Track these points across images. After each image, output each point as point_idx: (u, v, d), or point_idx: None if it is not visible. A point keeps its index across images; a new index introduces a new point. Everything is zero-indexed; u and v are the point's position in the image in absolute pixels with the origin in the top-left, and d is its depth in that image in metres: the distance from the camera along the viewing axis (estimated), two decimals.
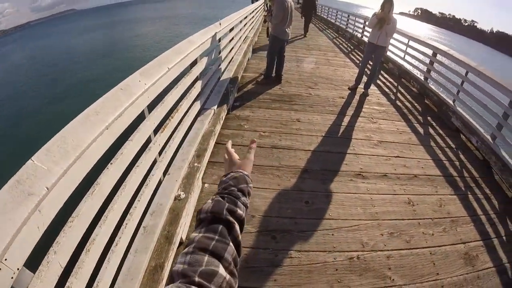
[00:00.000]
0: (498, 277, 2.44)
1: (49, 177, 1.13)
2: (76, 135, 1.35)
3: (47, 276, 1.10)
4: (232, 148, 1.03)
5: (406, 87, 6.23)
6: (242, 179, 0.81)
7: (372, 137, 4.14)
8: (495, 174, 3.72)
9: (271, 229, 2.60)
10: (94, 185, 1.46)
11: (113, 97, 1.74)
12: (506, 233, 2.86)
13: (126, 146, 1.78)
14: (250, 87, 5.46)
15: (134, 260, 1.77)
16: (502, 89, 3.86)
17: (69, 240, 1.23)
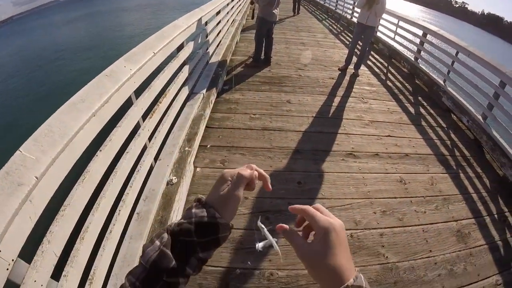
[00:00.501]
0: (490, 254, 2.47)
1: (38, 167, 1.13)
2: (63, 123, 1.34)
3: (42, 266, 1.09)
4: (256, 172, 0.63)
5: (397, 67, 6.20)
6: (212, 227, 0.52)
7: (363, 117, 4.12)
8: (486, 153, 3.75)
9: (265, 210, 2.59)
10: (84, 173, 1.45)
11: (98, 84, 1.71)
12: (497, 211, 2.89)
13: (115, 133, 1.76)
14: (239, 70, 5.38)
15: (129, 247, 1.76)
16: (493, 69, 3.86)
17: (62, 229, 1.22)
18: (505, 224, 2.77)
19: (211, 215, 0.52)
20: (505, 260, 2.45)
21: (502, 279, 2.31)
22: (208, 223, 0.51)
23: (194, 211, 0.53)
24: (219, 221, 0.52)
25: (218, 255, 2.20)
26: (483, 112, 3.94)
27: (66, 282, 1.21)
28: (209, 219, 0.52)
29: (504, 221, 2.80)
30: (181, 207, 2.45)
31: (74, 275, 1.27)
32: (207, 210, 0.53)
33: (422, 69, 5.58)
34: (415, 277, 2.22)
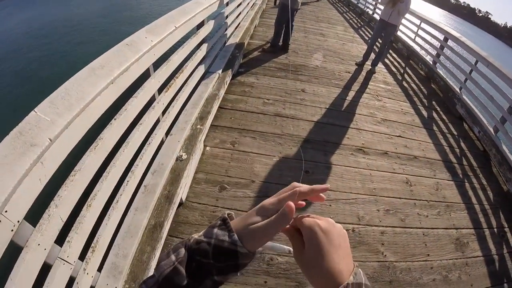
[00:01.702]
0: (485, 266, 2.49)
1: (52, 129, 1.12)
2: (81, 87, 1.33)
3: (47, 230, 1.09)
4: None
5: (414, 69, 6.11)
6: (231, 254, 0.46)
7: (376, 114, 4.09)
8: (493, 166, 3.71)
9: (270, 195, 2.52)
10: (97, 140, 1.44)
11: (119, 52, 1.71)
12: (497, 225, 2.89)
13: (131, 103, 1.75)
14: (256, 54, 5.32)
15: (134, 218, 1.78)
16: (511, 83, 3.79)
17: (70, 194, 1.22)
18: (504, 239, 2.77)
19: (233, 241, 0.46)
20: (499, 274, 2.47)
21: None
22: (227, 249, 0.46)
23: (216, 231, 0.48)
24: (240, 250, 0.46)
25: None
26: (495, 125, 3.88)
27: (69, 248, 1.22)
28: (229, 245, 0.46)
29: (503, 236, 2.80)
30: (188, 183, 2.47)
31: (78, 242, 1.28)
32: (229, 235, 0.47)
33: (439, 73, 5.49)
34: (410, 278, 2.24)
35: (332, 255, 0.45)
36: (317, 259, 0.45)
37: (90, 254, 1.40)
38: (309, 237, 0.47)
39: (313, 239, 0.46)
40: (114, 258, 1.58)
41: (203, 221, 2.29)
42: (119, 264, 1.56)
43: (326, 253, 0.45)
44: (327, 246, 0.46)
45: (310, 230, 0.47)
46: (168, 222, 2.01)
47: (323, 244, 0.46)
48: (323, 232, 0.47)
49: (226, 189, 2.57)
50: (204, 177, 2.64)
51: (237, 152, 2.97)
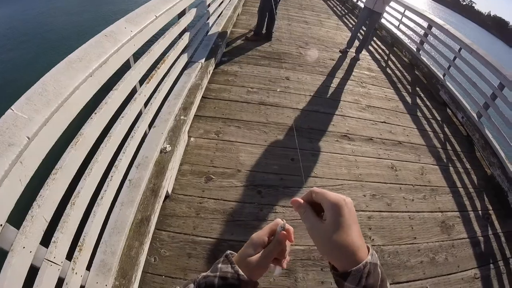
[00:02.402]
0: (471, 248, 2.55)
1: (30, 126, 1.08)
2: (58, 82, 1.29)
3: (31, 232, 1.07)
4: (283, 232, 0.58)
5: (398, 56, 6.13)
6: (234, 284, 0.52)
7: (360, 101, 4.10)
8: (477, 151, 3.79)
9: (257, 184, 2.58)
10: (78, 136, 1.41)
11: (97, 44, 1.66)
12: (482, 208, 2.96)
13: (111, 96, 1.71)
14: (239, 42, 5.23)
15: (120, 213, 1.75)
16: (493, 70, 3.85)
17: (53, 193, 1.19)
18: (488, 222, 2.84)
19: (235, 271, 0.53)
20: (485, 255, 2.54)
21: (480, 273, 2.40)
22: (231, 279, 0.52)
23: (220, 266, 0.55)
24: (242, 278, 0.52)
25: (208, 226, 2.21)
26: (479, 110, 3.95)
27: (55, 249, 1.20)
28: (232, 275, 0.52)
29: (488, 218, 2.87)
30: (173, 175, 2.44)
31: (64, 241, 1.26)
32: (232, 266, 0.54)
33: (423, 60, 5.53)
34: (398, 261, 2.28)
35: (354, 230, 0.48)
36: (341, 231, 0.47)
37: (77, 253, 1.37)
38: (335, 210, 0.49)
39: (339, 212, 0.48)
40: (102, 256, 1.56)
41: (190, 213, 2.27)
42: (108, 261, 1.54)
43: (349, 227, 0.47)
44: (350, 221, 0.48)
45: (337, 203, 0.49)
46: (155, 215, 1.99)
47: (348, 218, 0.48)
48: (348, 208, 0.49)
49: (212, 179, 2.54)
50: (190, 169, 2.60)
51: (222, 141, 2.94)
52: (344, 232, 0.47)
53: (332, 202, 0.49)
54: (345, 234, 0.47)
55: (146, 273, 1.87)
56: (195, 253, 2.03)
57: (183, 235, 2.12)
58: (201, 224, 2.21)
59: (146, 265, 1.89)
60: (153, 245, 2.02)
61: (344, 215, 0.48)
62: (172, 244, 2.05)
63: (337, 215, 0.48)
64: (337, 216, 0.48)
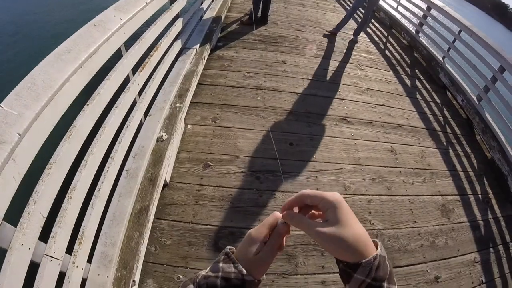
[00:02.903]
0: (471, 232, 2.57)
1: (20, 123, 1.06)
2: (47, 75, 1.26)
3: (29, 228, 1.06)
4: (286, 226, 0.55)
5: (396, 38, 6.04)
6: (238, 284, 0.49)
7: (359, 84, 4.04)
8: (477, 134, 3.77)
9: (255, 169, 2.57)
10: (71, 129, 1.38)
11: (86, 34, 1.62)
12: (482, 191, 2.97)
13: (103, 86, 1.68)
14: (234, 27, 5.11)
15: (119, 205, 1.74)
16: (494, 53, 3.78)
17: (48, 189, 1.18)
18: (488, 205, 2.85)
19: (239, 271, 0.49)
20: (485, 239, 2.56)
21: (480, 257, 2.42)
22: (235, 279, 0.49)
23: (221, 265, 0.51)
24: (246, 278, 0.49)
25: (208, 214, 2.20)
26: (479, 93, 3.90)
27: (54, 244, 1.19)
28: (236, 275, 0.49)
29: (488, 202, 2.88)
30: (171, 164, 2.42)
31: (63, 236, 1.25)
32: (235, 266, 0.50)
33: (422, 42, 5.44)
34: (398, 245, 2.29)
35: (358, 225, 0.48)
36: (347, 227, 0.46)
37: (77, 247, 1.36)
38: (338, 207, 0.48)
39: (342, 208, 0.48)
40: (102, 248, 1.55)
41: (189, 201, 2.25)
42: (109, 253, 1.54)
43: (353, 222, 0.48)
44: (352, 215, 0.49)
45: (337, 200, 0.49)
46: (154, 205, 1.97)
47: (350, 212, 0.49)
48: (345, 203, 0.49)
49: (210, 166, 2.52)
50: (187, 156, 2.57)
51: (219, 128, 2.90)
52: (350, 226, 0.47)
53: (332, 200, 0.49)
54: (352, 228, 0.47)
55: (147, 262, 1.87)
56: (195, 241, 2.02)
57: (183, 223, 2.11)
58: (200, 212, 2.20)
59: (147, 254, 1.89)
60: (153, 234, 2.01)
61: (346, 210, 0.48)
62: (172, 232, 2.04)
63: (340, 211, 0.48)
64: (340, 212, 0.48)
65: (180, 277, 1.85)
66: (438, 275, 2.20)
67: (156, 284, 1.81)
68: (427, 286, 2.13)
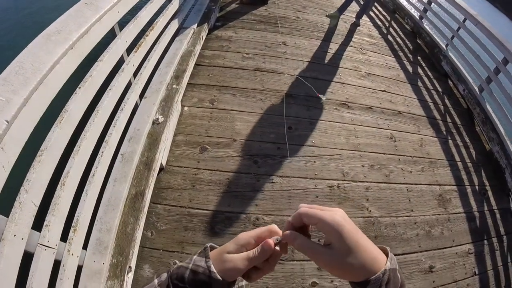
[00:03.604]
0: (466, 223, 2.58)
1: (8, 109, 1.03)
2: (36, 58, 1.21)
3: (21, 218, 1.04)
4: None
5: (399, 23, 5.90)
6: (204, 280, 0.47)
7: (360, 68, 3.96)
8: (477, 125, 3.74)
9: (253, 153, 2.53)
10: (62, 113, 1.34)
11: (77, 13, 1.57)
12: (479, 183, 2.97)
13: (96, 68, 1.63)
14: (233, 6, 4.94)
15: (114, 190, 1.71)
16: (498, 44, 3.70)
17: (40, 176, 1.15)
18: (484, 197, 2.86)
19: (207, 267, 0.47)
20: (479, 231, 2.58)
21: (474, 248, 2.44)
22: (202, 274, 0.47)
23: (195, 257, 0.50)
24: (213, 276, 0.46)
25: (204, 198, 2.18)
26: (481, 84, 3.84)
27: (48, 232, 1.17)
28: (204, 270, 0.47)
29: (484, 194, 2.89)
30: (167, 147, 2.38)
31: (57, 224, 1.22)
32: (205, 261, 0.48)
33: (426, 29, 5.31)
34: (395, 233, 2.30)
35: (365, 243, 0.45)
36: (352, 253, 0.44)
37: (72, 234, 1.34)
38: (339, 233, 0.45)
39: (343, 234, 0.44)
40: (98, 234, 1.53)
41: (185, 185, 2.22)
42: (104, 239, 1.52)
43: (358, 243, 0.44)
44: (357, 236, 0.45)
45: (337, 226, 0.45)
46: (150, 189, 1.94)
47: (354, 235, 0.45)
48: (347, 222, 0.46)
49: (207, 149, 2.48)
50: (184, 139, 2.53)
51: (216, 110, 2.84)
52: (356, 251, 0.44)
53: (332, 226, 0.45)
54: (358, 253, 0.44)
55: (143, 247, 1.86)
56: (191, 226, 2.01)
57: (179, 208, 2.08)
58: (197, 196, 2.17)
59: (143, 239, 1.87)
60: (149, 219, 1.99)
61: (349, 234, 0.45)
62: (168, 217, 2.02)
63: (345, 237, 0.44)
64: (343, 239, 0.44)
65: (176, 262, 1.84)
66: (433, 264, 2.22)
67: (152, 269, 1.80)
68: (422, 275, 2.15)
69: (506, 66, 3.54)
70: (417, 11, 5.72)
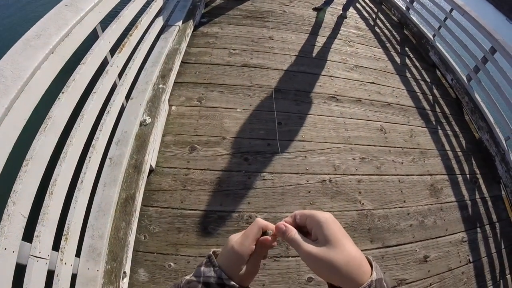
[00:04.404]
0: (459, 211, 2.61)
1: None
2: (16, 64, 1.19)
3: (10, 231, 1.02)
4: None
5: (386, 14, 5.89)
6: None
7: (348, 61, 3.96)
8: (466, 114, 3.76)
9: (244, 151, 2.52)
10: (46, 120, 1.31)
11: (56, 16, 1.53)
12: (469, 171, 2.99)
13: (78, 71, 1.59)
14: (218, 2, 4.86)
15: (104, 195, 1.69)
16: (486, 34, 3.70)
17: (27, 187, 1.13)
18: (476, 186, 2.88)
19: (219, 276, 0.47)
20: (472, 219, 2.61)
21: (467, 236, 2.47)
22: (214, 285, 0.47)
23: (203, 269, 0.49)
24: (226, 282, 0.47)
25: (196, 198, 2.16)
26: (469, 73, 3.86)
27: (39, 243, 1.15)
28: (216, 280, 0.47)
29: (475, 182, 2.91)
30: (156, 148, 2.34)
31: (47, 234, 1.20)
32: (214, 270, 0.48)
33: (413, 20, 5.31)
34: (388, 225, 2.31)
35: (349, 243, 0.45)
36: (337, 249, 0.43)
37: (64, 243, 1.32)
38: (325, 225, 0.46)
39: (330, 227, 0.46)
40: (90, 241, 1.51)
41: (176, 185, 2.20)
42: (97, 246, 1.50)
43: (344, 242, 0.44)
44: (343, 234, 0.46)
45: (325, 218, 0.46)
46: (140, 192, 1.91)
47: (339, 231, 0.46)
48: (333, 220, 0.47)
49: (197, 149, 2.45)
50: (173, 139, 2.50)
51: (204, 108, 2.81)
52: (342, 247, 0.44)
53: (318, 219, 0.47)
54: (344, 249, 0.43)
55: (137, 251, 1.84)
56: (184, 227, 1.99)
57: (171, 209, 2.07)
58: (188, 197, 2.15)
59: (136, 243, 1.85)
60: (141, 222, 1.96)
61: (336, 228, 0.46)
62: (160, 219, 2.00)
63: (328, 229, 0.45)
64: (329, 230, 0.45)
65: (171, 264, 1.82)
66: (427, 254, 2.24)
67: (147, 273, 1.78)
68: (416, 265, 2.17)
69: (493, 55, 3.55)
70: (404, 2, 5.71)
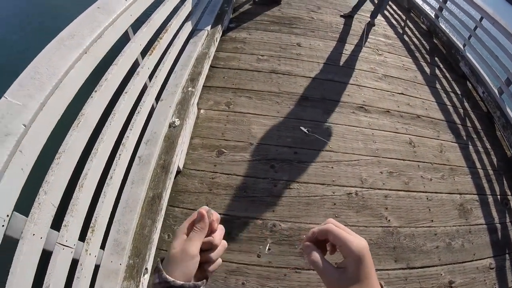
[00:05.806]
0: (488, 235, 2.47)
1: (25, 113, 1.06)
2: (50, 63, 1.23)
3: (40, 218, 1.06)
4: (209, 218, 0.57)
5: (415, 22, 5.78)
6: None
7: (376, 70, 3.88)
8: (497, 130, 3.60)
9: (270, 157, 2.50)
10: (79, 117, 1.35)
11: (89, 18, 1.58)
12: (500, 192, 2.85)
13: (111, 71, 1.63)
14: (246, 7, 4.90)
15: (131, 192, 1.72)
16: None
17: (59, 178, 1.17)
18: (506, 208, 2.74)
19: (163, 279, 0.46)
20: (501, 244, 2.47)
21: (495, 263, 2.33)
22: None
23: (151, 278, 0.50)
24: (172, 283, 0.46)
25: (221, 202, 2.16)
26: (500, 86, 3.71)
27: (67, 232, 1.19)
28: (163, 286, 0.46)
29: (506, 204, 2.77)
30: (184, 150, 2.36)
31: (75, 224, 1.24)
32: (159, 275, 0.47)
33: (442, 28, 5.19)
34: (414, 245, 2.23)
35: (374, 280, 0.46)
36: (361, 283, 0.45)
37: (90, 235, 1.36)
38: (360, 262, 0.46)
39: (364, 265, 0.46)
40: (115, 235, 1.55)
41: (202, 188, 2.20)
42: (121, 240, 1.53)
43: (372, 280, 0.46)
44: (372, 272, 0.46)
45: (361, 255, 0.46)
46: (167, 192, 1.93)
47: (370, 268, 0.46)
48: (369, 256, 0.47)
49: (224, 153, 2.45)
50: (201, 142, 2.51)
51: (232, 113, 2.81)
52: (365, 284, 0.45)
53: (355, 253, 0.46)
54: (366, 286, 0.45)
55: (160, 250, 1.85)
56: None
57: None
58: (214, 200, 2.15)
59: (160, 242, 1.87)
60: (166, 222, 1.98)
61: (369, 266, 0.46)
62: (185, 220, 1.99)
63: (363, 267, 0.46)
64: (363, 269, 0.46)
65: None
66: (452, 279, 2.14)
67: None
68: None
69: None
70: (433, 10, 5.60)
